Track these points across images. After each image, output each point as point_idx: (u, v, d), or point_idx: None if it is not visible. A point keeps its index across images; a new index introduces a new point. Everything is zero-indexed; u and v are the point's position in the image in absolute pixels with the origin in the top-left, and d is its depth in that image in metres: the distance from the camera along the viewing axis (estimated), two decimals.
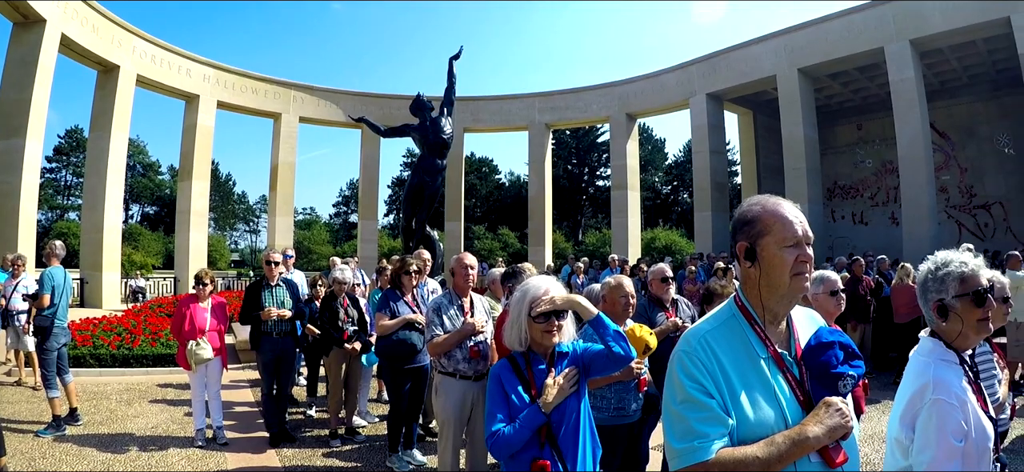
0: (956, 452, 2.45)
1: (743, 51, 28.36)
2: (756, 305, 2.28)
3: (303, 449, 8.44)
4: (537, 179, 34.25)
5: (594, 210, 77.75)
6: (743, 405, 2.10)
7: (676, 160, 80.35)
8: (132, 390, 11.64)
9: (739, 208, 2.40)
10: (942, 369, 2.66)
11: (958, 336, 2.77)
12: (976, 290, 2.74)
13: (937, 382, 2.58)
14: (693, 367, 2.14)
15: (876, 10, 24.29)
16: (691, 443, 2.05)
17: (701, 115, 29.25)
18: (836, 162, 33.93)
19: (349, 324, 8.99)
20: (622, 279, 5.57)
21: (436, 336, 5.95)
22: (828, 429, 2.08)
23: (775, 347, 2.25)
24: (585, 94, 33.84)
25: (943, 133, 30.39)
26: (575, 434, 3.46)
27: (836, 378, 2.20)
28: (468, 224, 60.68)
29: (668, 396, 2.19)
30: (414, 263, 7.94)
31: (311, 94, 32.06)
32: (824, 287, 5.05)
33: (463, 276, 6.43)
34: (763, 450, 2.03)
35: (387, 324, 7.35)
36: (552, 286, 3.61)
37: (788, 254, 2.22)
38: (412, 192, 15.97)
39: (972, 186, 30.35)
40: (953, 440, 2.46)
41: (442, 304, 6.19)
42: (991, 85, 28.66)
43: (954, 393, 2.55)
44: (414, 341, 7.40)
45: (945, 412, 2.50)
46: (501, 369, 3.56)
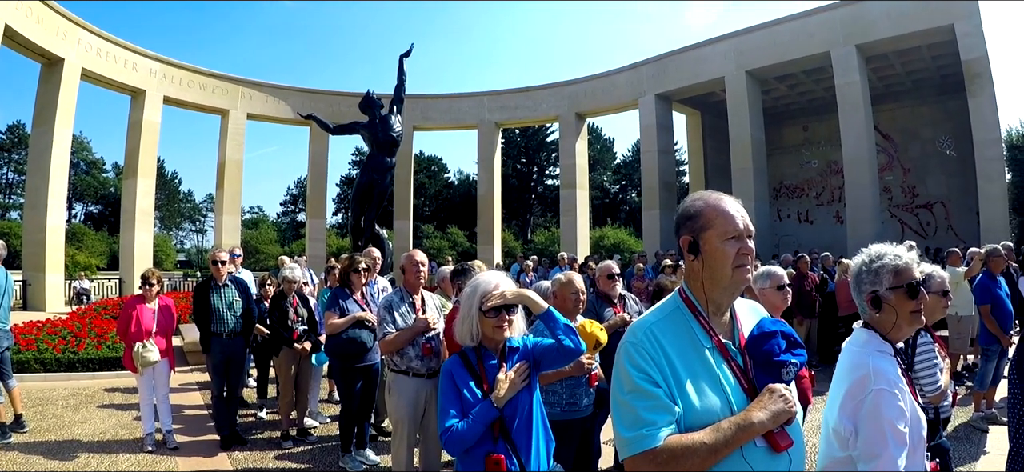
0: (903, 436, 2.52)
1: (693, 53, 28.72)
2: (700, 297, 2.34)
3: (254, 451, 8.34)
4: (486, 178, 34.17)
5: (543, 209, 77.66)
6: (689, 393, 2.14)
7: (625, 159, 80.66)
8: (79, 395, 11.44)
9: (683, 203, 2.44)
10: (878, 360, 2.71)
11: (892, 327, 2.83)
12: (909, 283, 2.81)
13: (877, 372, 2.63)
14: (640, 358, 2.18)
15: (824, 15, 24.94)
16: (639, 431, 2.08)
17: (650, 115, 29.50)
18: (782, 162, 34.49)
19: (299, 323, 8.89)
20: (572, 275, 5.63)
21: (388, 334, 5.93)
22: (772, 414, 2.14)
23: (719, 337, 2.31)
24: (535, 93, 33.91)
25: (887, 135, 31.25)
26: (528, 427, 3.50)
27: (779, 366, 2.26)
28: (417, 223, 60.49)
29: (616, 387, 2.23)
30: (364, 261, 7.92)
31: (259, 90, 31.60)
32: (771, 282, 5.16)
33: (414, 273, 6.41)
34: (710, 436, 2.07)
35: (337, 323, 7.32)
36: (503, 281, 3.64)
37: (730, 247, 2.27)
38: (361, 191, 15.87)
39: (915, 186, 31.30)
40: (898, 425, 2.52)
41: (393, 302, 6.17)
42: (934, 89, 29.50)
43: (893, 381, 2.61)
44: (364, 339, 7.39)
45: (889, 401, 2.56)
46: (453, 365, 3.57)
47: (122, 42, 26.76)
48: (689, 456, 2.05)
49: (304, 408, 9.12)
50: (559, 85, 33.37)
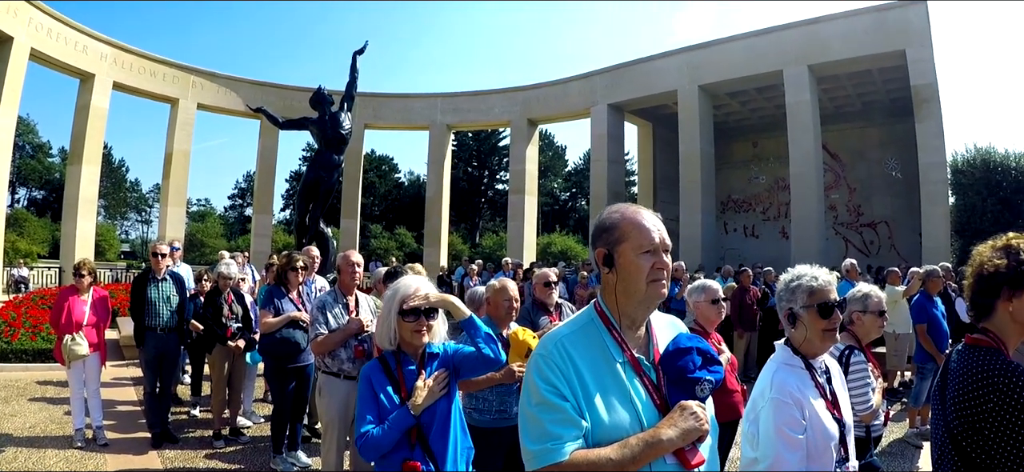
0: (795, 443, 2.69)
1: (647, 65, 28.92)
2: (614, 310, 2.31)
3: (185, 450, 8.19)
4: (435, 179, 33.97)
5: (492, 213, 77.78)
6: (598, 408, 2.13)
7: (576, 167, 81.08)
8: (10, 387, 11.18)
9: (599, 215, 2.42)
10: (783, 372, 2.91)
11: (804, 342, 3.01)
12: (822, 303, 2.96)
13: (774, 383, 2.84)
14: (548, 370, 2.16)
15: (778, 35, 25.27)
16: (545, 445, 2.06)
17: (602, 124, 29.61)
18: (731, 177, 34.86)
19: (233, 321, 8.77)
20: (506, 282, 5.55)
21: (320, 335, 5.86)
22: (682, 431, 2.13)
23: (632, 352, 2.29)
24: (488, 97, 33.81)
25: (835, 154, 31.83)
26: (445, 435, 3.47)
27: (693, 382, 2.25)
28: (365, 222, 60.13)
29: (524, 399, 2.21)
30: (301, 259, 7.81)
31: (211, 80, 30.97)
32: (705, 295, 5.26)
33: (349, 274, 6.34)
34: (616, 452, 2.06)
35: (271, 322, 7.23)
36: (423, 285, 3.61)
37: (644, 261, 2.24)
38: (307, 187, 15.72)
39: (860, 205, 32.00)
40: (789, 431, 2.70)
41: (327, 302, 6.10)
42: (883, 112, 30.14)
43: (789, 392, 2.78)
44: (297, 339, 7.29)
45: (779, 408, 2.74)
46: (371, 369, 3.53)
47: (74, 23, 26.03)
48: (594, 470, 2.02)
49: (237, 407, 8.98)
50: (512, 90, 33.37)
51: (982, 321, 2.60)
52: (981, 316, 2.61)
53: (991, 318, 2.56)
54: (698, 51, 27.33)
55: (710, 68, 26.73)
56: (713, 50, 26.90)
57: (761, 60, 25.49)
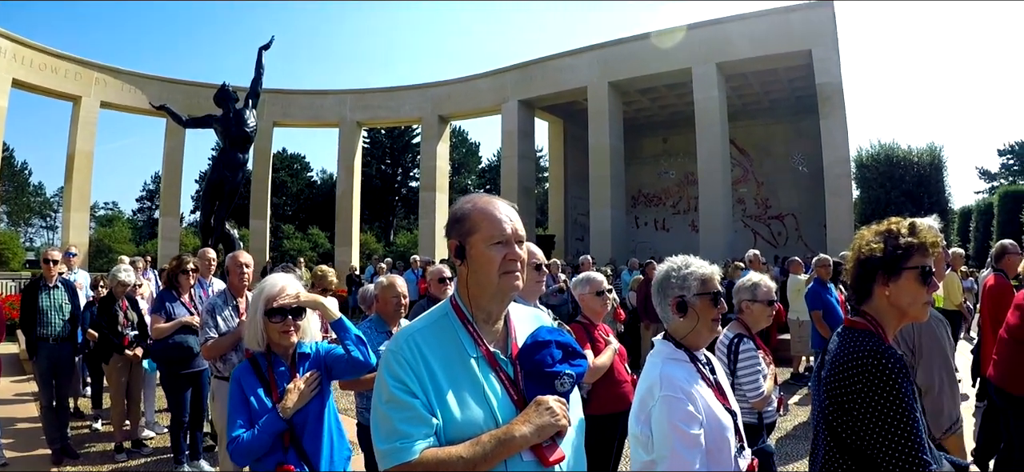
0: (692, 439, 2.62)
1: (557, 62, 28.98)
2: (468, 304, 2.27)
3: (87, 465, 7.97)
4: (346, 177, 33.45)
5: (406, 211, 77.03)
6: (450, 405, 2.08)
7: (490, 163, 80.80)
8: None
9: (453, 206, 2.38)
10: (670, 367, 2.83)
11: (691, 333, 2.97)
12: (714, 292, 2.97)
13: (663, 379, 2.76)
14: (397, 366, 2.09)
15: (688, 33, 25.57)
16: (394, 444, 2.00)
17: (512, 121, 29.65)
18: (641, 172, 35.22)
19: (129, 328, 8.52)
20: (395, 279, 5.52)
21: (210, 338, 5.69)
22: (537, 428, 2.08)
23: (487, 346, 2.23)
24: (399, 94, 33.51)
25: (743, 149, 32.53)
26: (320, 436, 3.42)
27: (552, 377, 2.20)
28: (277, 223, 59.40)
29: (375, 397, 2.14)
30: (192, 262, 7.61)
31: (116, 77, 29.61)
32: (590, 288, 5.24)
33: (238, 275, 6.23)
34: (468, 450, 2.01)
35: (162, 327, 7.04)
36: (289, 284, 3.55)
37: (496, 252, 2.19)
38: (211, 187, 15.44)
39: (768, 199, 32.83)
40: (685, 427, 2.62)
41: (216, 304, 5.93)
42: (789, 109, 30.83)
43: (680, 387, 2.71)
44: (191, 344, 7.10)
45: (672, 405, 2.66)
46: (241, 372, 3.45)
47: None
48: (445, 469, 1.98)
49: (138, 418, 8.75)
50: (423, 86, 33.10)
51: (862, 305, 2.64)
52: (861, 300, 2.65)
53: (869, 302, 2.61)
54: (609, 48, 27.51)
55: (620, 65, 26.97)
56: (624, 47, 27.14)
57: (670, 57, 25.78)
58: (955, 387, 3.74)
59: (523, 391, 2.21)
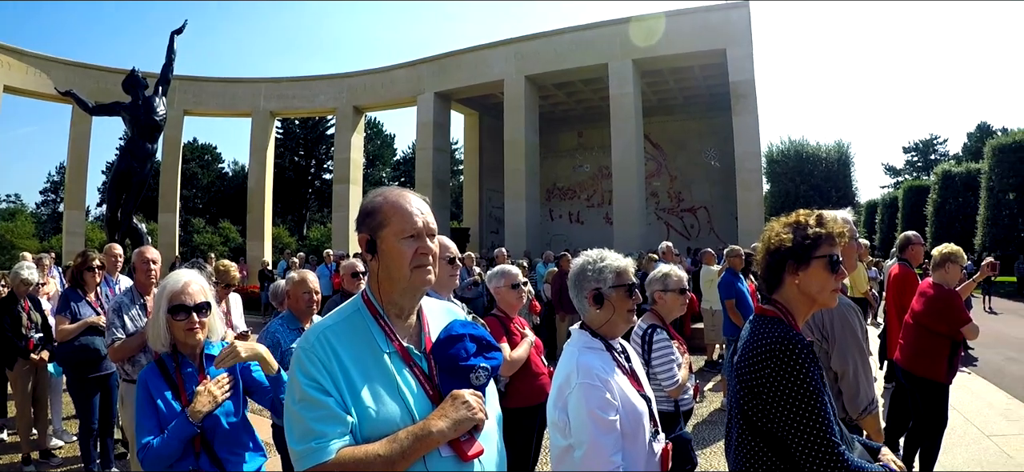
0: (608, 424, 2.70)
1: (474, 54, 28.97)
2: (380, 299, 2.25)
3: None
4: (258, 169, 32.52)
5: (320, 204, 75.82)
6: (365, 402, 2.05)
7: (405, 156, 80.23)
8: None
9: (364, 199, 2.35)
10: (586, 356, 2.90)
11: (607, 323, 3.05)
12: (629, 284, 3.07)
13: (580, 367, 2.83)
14: (310, 364, 2.05)
15: (605, 29, 25.90)
16: (309, 444, 1.95)
17: (428, 113, 29.49)
18: (556, 165, 35.51)
19: (33, 331, 8.09)
20: (306, 274, 5.43)
21: (116, 340, 5.40)
22: (454, 422, 2.08)
23: (401, 341, 2.21)
24: (313, 83, 32.91)
25: (657, 144, 33.06)
26: (233, 440, 3.31)
27: (467, 371, 2.21)
28: (187, 216, 58.26)
29: (288, 397, 2.09)
30: (97, 258, 7.26)
31: (19, 59, 28.12)
32: (505, 281, 5.25)
33: (144, 272, 5.95)
34: (385, 447, 1.99)
35: (68, 328, 6.69)
36: (193, 279, 3.42)
37: (407, 246, 2.18)
38: (118, 178, 15.03)
39: (681, 192, 33.48)
40: (601, 414, 2.70)
41: (123, 303, 5.62)
42: (703, 106, 31.48)
43: (596, 374, 2.79)
44: (98, 346, 6.74)
45: (589, 392, 2.74)
46: (148, 374, 3.30)
47: None
48: (363, 468, 1.95)
49: (45, 426, 8.28)
50: (338, 77, 32.65)
51: (772, 293, 2.68)
52: (771, 289, 2.69)
53: (780, 290, 2.65)
54: (526, 42, 27.67)
55: (537, 59, 27.14)
56: (541, 42, 27.30)
57: (587, 53, 26.08)
58: (869, 370, 3.82)
59: (438, 386, 2.20)
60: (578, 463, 2.72)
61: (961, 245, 7.05)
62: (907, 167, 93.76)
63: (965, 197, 41.27)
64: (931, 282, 6.45)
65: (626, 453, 2.76)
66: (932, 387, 6.27)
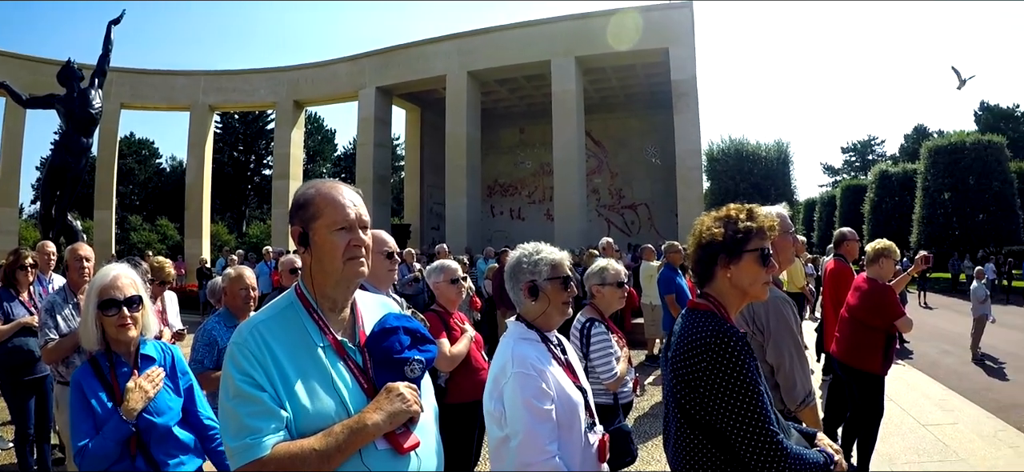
0: (544, 413, 2.71)
1: (417, 49, 28.91)
2: (313, 292, 2.23)
3: None
4: (196, 164, 31.83)
5: (259, 200, 75.02)
6: (300, 396, 2.03)
7: (346, 152, 79.55)
8: None
9: (296, 191, 2.33)
10: (521, 346, 2.92)
11: (542, 315, 3.07)
12: (564, 276, 3.10)
13: (515, 357, 2.84)
14: (243, 359, 2.02)
15: (549, 26, 26.13)
16: (244, 440, 1.92)
17: (369, 107, 29.32)
18: (498, 162, 35.52)
19: None
20: (243, 270, 5.35)
21: (50, 340, 5.20)
22: (389, 415, 2.09)
23: (334, 335, 2.20)
24: (254, 77, 32.45)
25: (599, 141, 33.26)
26: (170, 441, 3.19)
27: (401, 363, 2.21)
28: (124, 213, 57.25)
29: (221, 393, 2.05)
30: (30, 256, 7.00)
31: None
32: (444, 275, 5.23)
33: (77, 270, 5.74)
34: (321, 442, 1.97)
35: (0, 329, 6.48)
36: (123, 273, 3.31)
37: (340, 238, 2.17)
38: (52, 173, 14.75)
39: (622, 189, 33.76)
40: (536, 403, 2.71)
41: (55, 303, 5.44)
42: (645, 104, 31.80)
43: (531, 364, 2.80)
44: (32, 347, 6.48)
45: (524, 382, 2.75)
46: (81, 374, 3.17)
47: None
48: (299, 464, 1.94)
49: None
50: (279, 70, 32.21)
51: (704, 287, 2.72)
52: (703, 282, 2.73)
53: (712, 284, 2.68)
54: (469, 38, 27.70)
55: (480, 55, 27.18)
56: (484, 38, 27.39)
57: (530, 49, 26.23)
58: (805, 362, 3.85)
59: (373, 379, 2.19)
60: (514, 453, 2.73)
61: (897, 243, 7.21)
62: (845, 167, 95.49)
63: (901, 196, 42.62)
64: (866, 277, 6.66)
65: (562, 443, 2.77)
66: (868, 379, 6.44)
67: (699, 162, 25.58)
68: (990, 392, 11.36)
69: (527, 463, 2.68)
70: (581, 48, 25.37)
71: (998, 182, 35.76)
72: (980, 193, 35.44)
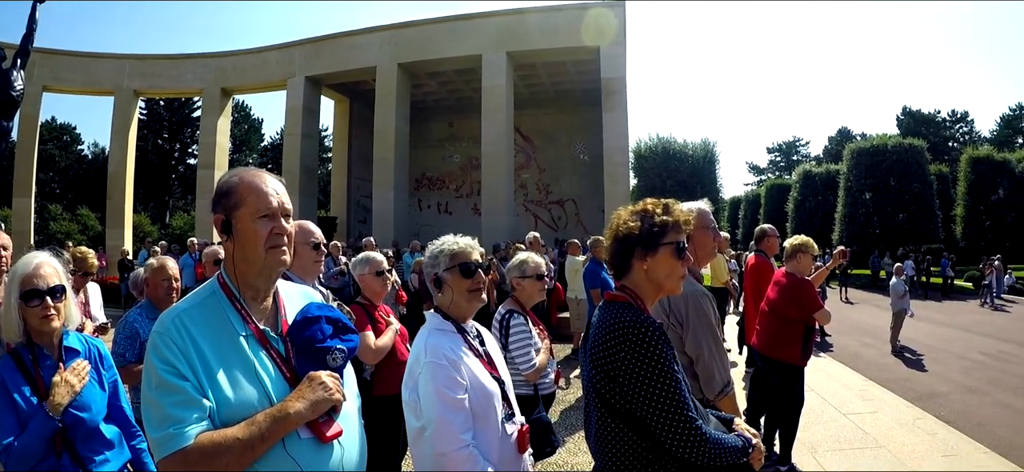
0: (457, 403, 2.75)
1: (348, 39, 28.60)
2: (235, 281, 2.25)
3: None
4: (119, 151, 30.64)
5: (184, 191, 72.75)
6: (222, 386, 2.04)
7: (273, 142, 78.45)
8: None
9: (219, 179, 2.32)
10: (435, 337, 2.97)
11: (452, 304, 3.12)
12: (462, 263, 3.11)
13: (428, 348, 2.88)
14: (165, 349, 2.02)
15: (481, 21, 26.13)
16: (167, 430, 1.92)
17: (298, 97, 28.90)
18: (426, 155, 35.32)
19: None
20: (165, 260, 5.28)
21: None
22: (311, 403, 2.11)
23: (257, 324, 2.23)
24: (181, 62, 31.54)
25: (527, 137, 33.33)
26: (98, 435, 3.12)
27: (323, 352, 2.24)
28: (43, 202, 55.75)
29: (144, 383, 2.04)
30: None
31: None
32: (369, 268, 5.24)
33: None
34: (244, 431, 1.98)
35: None
36: (46, 261, 3.21)
37: (262, 226, 2.20)
38: None
39: (549, 185, 33.89)
40: (449, 393, 2.75)
41: None
42: (574, 101, 31.91)
43: (444, 354, 2.85)
44: None
45: (437, 371, 2.78)
46: (3, 368, 3.05)
47: None
48: (223, 454, 1.93)
49: None
50: (207, 56, 31.42)
51: (621, 279, 2.78)
52: (620, 275, 2.79)
53: (628, 276, 2.75)
54: (401, 30, 27.50)
55: (412, 47, 27.02)
56: (416, 30, 27.21)
57: (462, 43, 26.18)
58: (723, 353, 3.95)
59: (295, 368, 2.20)
60: (428, 442, 2.76)
61: (819, 241, 7.40)
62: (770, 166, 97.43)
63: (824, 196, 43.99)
64: (785, 272, 6.87)
65: (478, 433, 2.81)
66: (788, 369, 6.66)
67: (626, 159, 25.82)
68: (909, 382, 11.83)
69: (441, 452, 2.71)
70: (513, 44, 25.42)
71: (918, 184, 37.16)
72: (901, 194, 36.86)
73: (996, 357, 14.56)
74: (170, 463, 1.91)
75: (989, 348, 15.75)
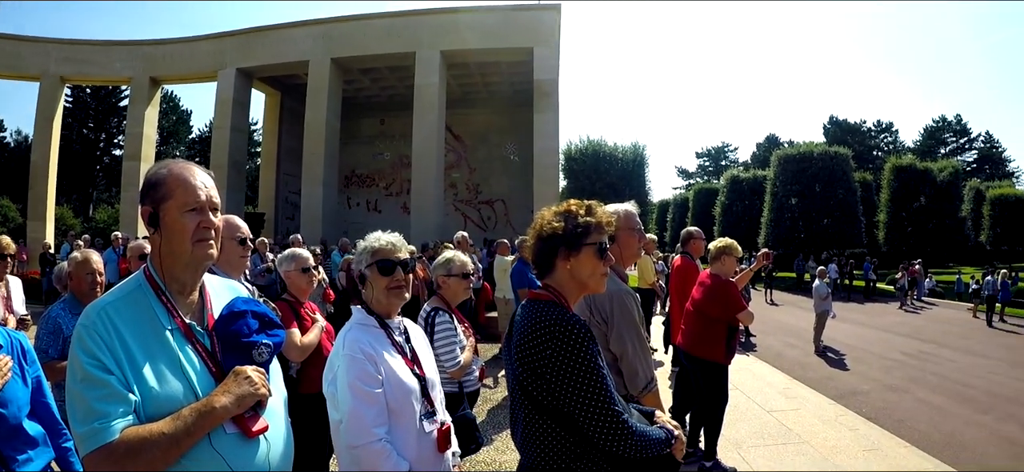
0: (371, 396, 2.80)
1: (281, 32, 28.29)
2: (161, 274, 2.24)
3: None
4: (43, 141, 29.64)
5: (108, 183, 71.02)
6: (148, 380, 2.03)
7: (201, 134, 77.10)
8: None
9: (148, 171, 2.33)
10: (356, 331, 3.03)
11: (372, 301, 3.16)
12: (380, 261, 3.14)
13: (347, 341, 2.94)
14: (90, 342, 2.00)
15: (415, 18, 26.13)
16: (92, 425, 1.91)
17: (228, 89, 28.39)
18: (356, 152, 35.10)
19: None
20: (90, 253, 5.20)
21: None
22: (237, 398, 2.12)
23: (183, 318, 2.22)
24: (110, 49, 30.59)
25: (459, 136, 33.32)
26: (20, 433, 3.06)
27: (249, 347, 2.25)
28: None
29: (69, 377, 2.02)
30: None
31: None
32: (295, 264, 5.24)
33: None
34: (169, 425, 1.98)
35: None
36: None
37: (190, 220, 2.19)
38: None
39: (479, 184, 33.94)
40: (363, 386, 2.80)
41: None
42: (506, 101, 32.02)
43: (361, 349, 2.89)
44: None
45: (351, 364, 2.84)
46: None
47: None
48: (148, 449, 1.93)
49: None
50: (136, 43, 30.61)
51: (544, 278, 2.84)
52: (543, 273, 2.84)
53: (552, 275, 2.81)
54: (335, 24, 27.29)
55: (345, 42, 26.88)
56: (350, 25, 27.07)
57: (396, 40, 26.12)
58: (647, 350, 4.02)
59: (221, 363, 2.21)
60: (342, 434, 2.83)
61: (745, 245, 7.59)
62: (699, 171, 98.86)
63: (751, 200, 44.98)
64: (709, 273, 7.06)
65: (393, 428, 2.87)
66: (712, 368, 6.86)
67: (556, 160, 26.03)
68: (831, 381, 12.23)
69: (352, 444, 2.76)
70: (447, 42, 25.45)
71: (842, 190, 38.30)
72: (826, 200, 38.05)
73: (916, 356, 15.13)
74: (95, 458, 1.90)
75: (909, 348, 16.34)
